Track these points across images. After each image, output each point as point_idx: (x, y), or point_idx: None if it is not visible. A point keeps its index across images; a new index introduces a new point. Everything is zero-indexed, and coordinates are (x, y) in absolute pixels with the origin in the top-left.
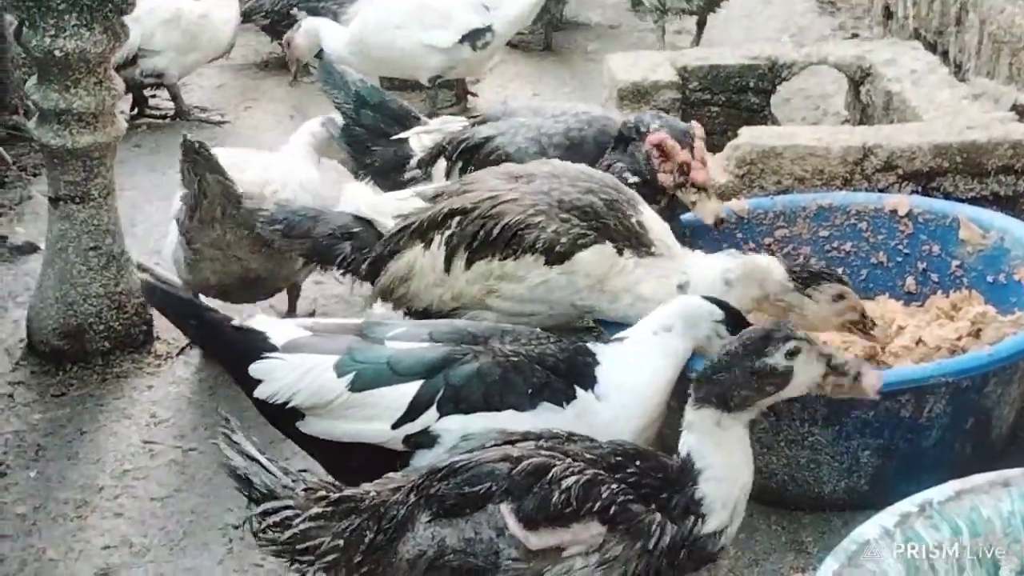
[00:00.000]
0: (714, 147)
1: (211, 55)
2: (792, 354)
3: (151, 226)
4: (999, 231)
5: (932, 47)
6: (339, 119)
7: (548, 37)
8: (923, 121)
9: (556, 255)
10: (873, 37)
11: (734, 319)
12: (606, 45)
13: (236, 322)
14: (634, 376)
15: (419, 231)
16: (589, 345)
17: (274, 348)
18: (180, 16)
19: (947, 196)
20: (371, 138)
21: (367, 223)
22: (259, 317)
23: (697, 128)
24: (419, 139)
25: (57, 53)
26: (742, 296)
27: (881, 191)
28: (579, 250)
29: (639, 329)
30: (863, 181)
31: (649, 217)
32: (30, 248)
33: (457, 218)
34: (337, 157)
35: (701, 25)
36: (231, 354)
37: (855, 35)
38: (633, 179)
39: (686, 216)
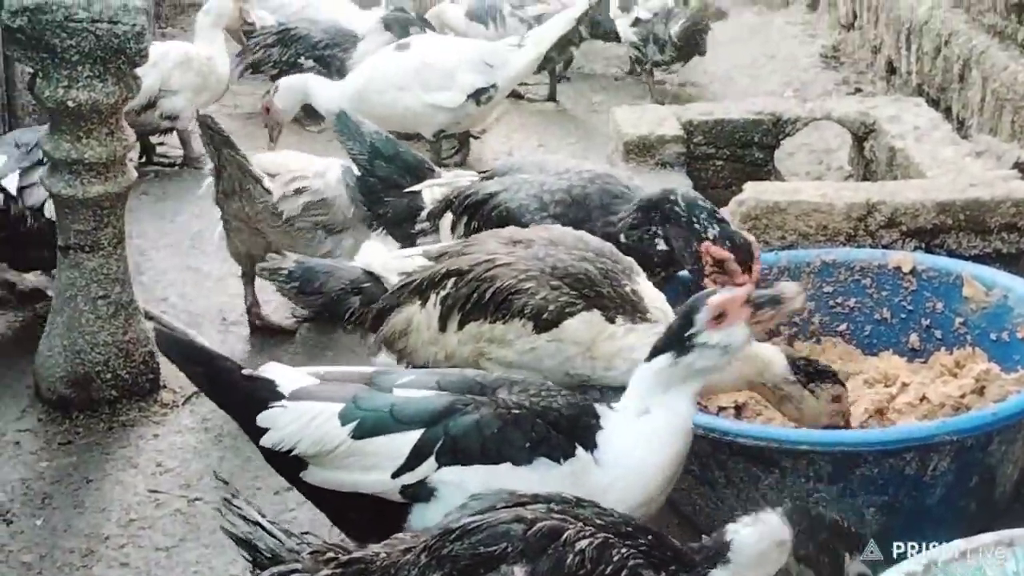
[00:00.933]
0: (718, 201)
1: (218, 95)
2: None
3: (158, 274)
4: (1002, 289)
5: (935, 103)
6: (355, 169)
7: (553, 89)
8: (927, 178)
9: (543, 322)
10: (876, 92)
11: (689, 313)
12: (611, 97)
13: (247, 371)
14: (635, 451)
15: (418, 289)
16: (596, 406)
17: (282, 396)
18: (191, 58)
19: (950, 253)
20: (384, 189)
21: (376, 279)
22: (270, 365)
23: (755, 246)
24: (431, 192)
25: (70, 104)
26: (739, 372)
27: (885, 247)
28: (566, 318)
29: (627, 410)
30: (867, 237)
31: (644, 285)
32: (37, 295)
33: (453, 279)
34: None
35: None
36: (239, 402)
37: (858, 90)
38: (662, 247)
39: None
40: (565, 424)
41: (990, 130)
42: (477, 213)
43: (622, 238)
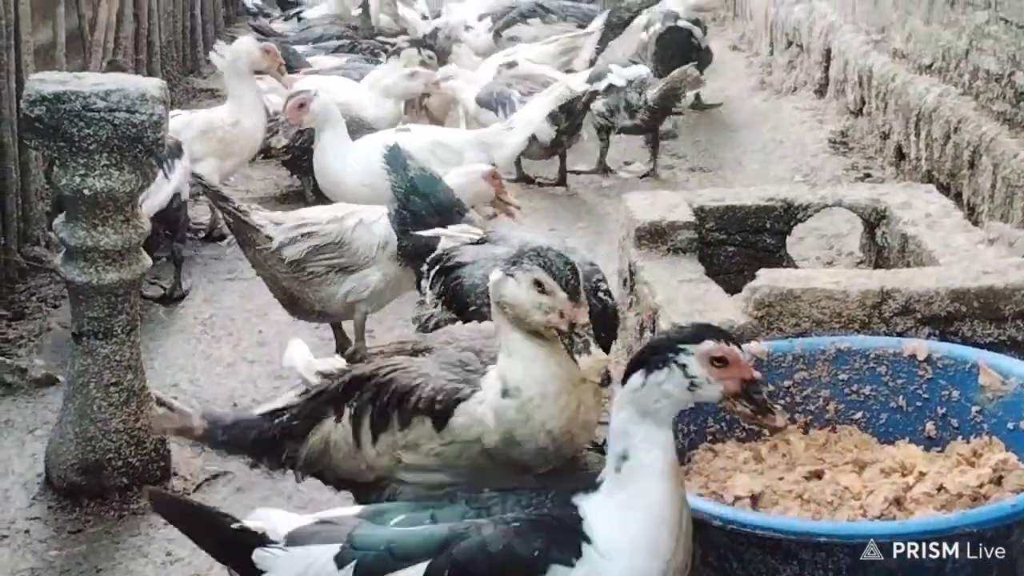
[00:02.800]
0: (730, 287)
1: (247, 157)
2: None
3: (169, 359)
4: (1019, 378)
5: (945, 189)
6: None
7: (563, 173)
8: (940, 265)
9: (438, 412)
10: (885, 178)
11: (688, 335)
12: (620, 182)
13: (237, 525)
14: (626, 525)
15: (330, 399)
16: (573, 498)
17: (275, 543)
18: (214, 127)
19: (965, 341)
20: (414, 224)
21: (282, 411)
22: (259, 511)
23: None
24: (447, 239)
25: (86, 192)
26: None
27: (899, 335)
28: (456, 404)
29: (606, 474)
30: (881, 325)
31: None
32: (49, 380)
33: (358, 389)
34: None
35: (654, 147)
36: (232, 555)
37: (867, 175)
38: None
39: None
40: (562, 527)
41: (1001, 216)
42: (445, 279)
43: None
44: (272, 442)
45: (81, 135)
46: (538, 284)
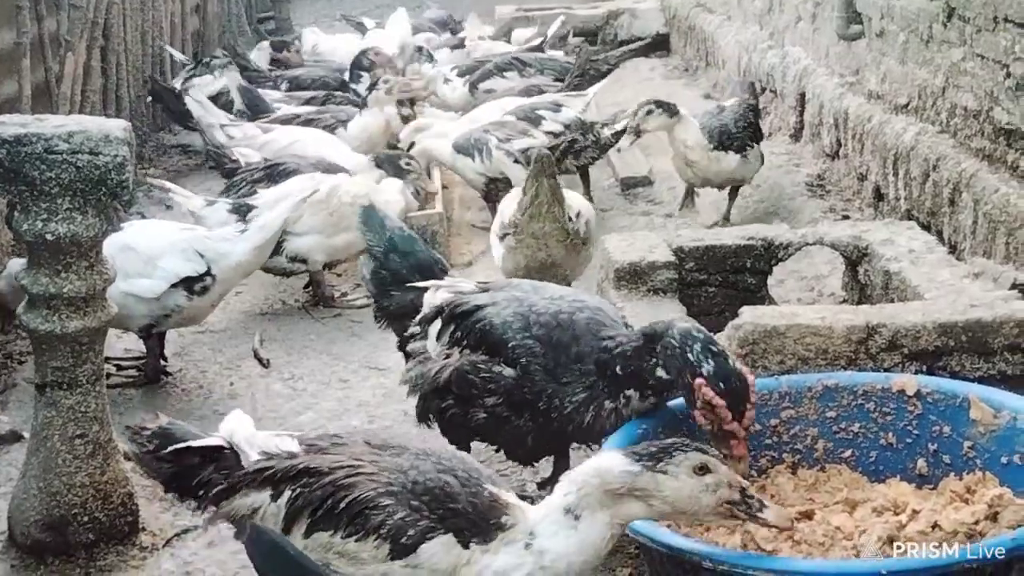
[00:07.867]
0: (712, 328)
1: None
2: None
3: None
4: (1011, 411)
5: (925, 228)
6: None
7: None
8: (925, 300)
9: (401, 546)
10: (864, 219)
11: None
12: (597, 227)
13: None
14: None
15: (272, 479)
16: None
17: None
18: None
19: (954, 375)
20: (394, 283)
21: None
22: None
23: (751, 389)
24: (435, 293)
25: (48, 237)
26: (596, 515)
27: (886, 371)
28: (425, 541)
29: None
30: (868, 361)
31: (505, 492)
32: (14, 437)
33: (309, 478)
34: None
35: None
36: None
37: (845, 217)
38: (662, 374)
39: (677, 402)
40: None
41: (983, 252)
42: (462, 324)
43: (618, 368)
44: (195, 483)
45: (43, 178)
46: (701, 469)
